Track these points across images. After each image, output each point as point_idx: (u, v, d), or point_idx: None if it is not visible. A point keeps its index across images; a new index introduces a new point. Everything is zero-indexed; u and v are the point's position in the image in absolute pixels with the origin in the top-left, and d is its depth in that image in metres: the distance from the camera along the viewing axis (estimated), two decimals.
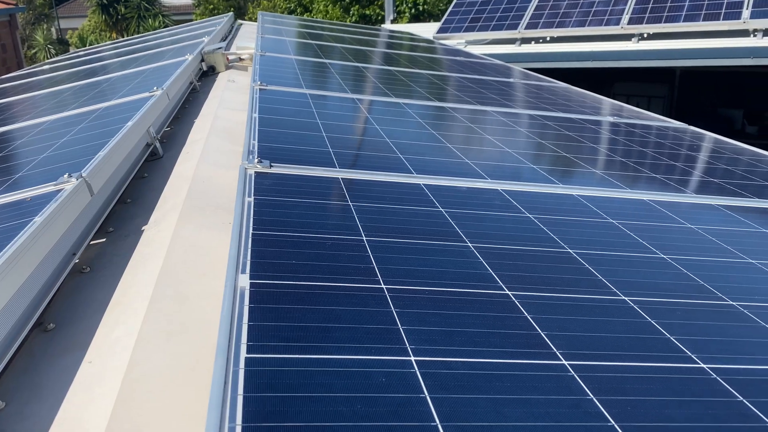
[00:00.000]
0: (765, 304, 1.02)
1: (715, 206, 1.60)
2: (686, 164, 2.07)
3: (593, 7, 7.36)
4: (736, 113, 9.22)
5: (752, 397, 0.74)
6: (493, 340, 0.80)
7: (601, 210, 1.44)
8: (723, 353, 0.84)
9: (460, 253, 1.08)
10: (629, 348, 0.83)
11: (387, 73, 3.75)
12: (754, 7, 6.13)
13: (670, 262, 1.16)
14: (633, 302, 0.97)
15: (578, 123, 2.67)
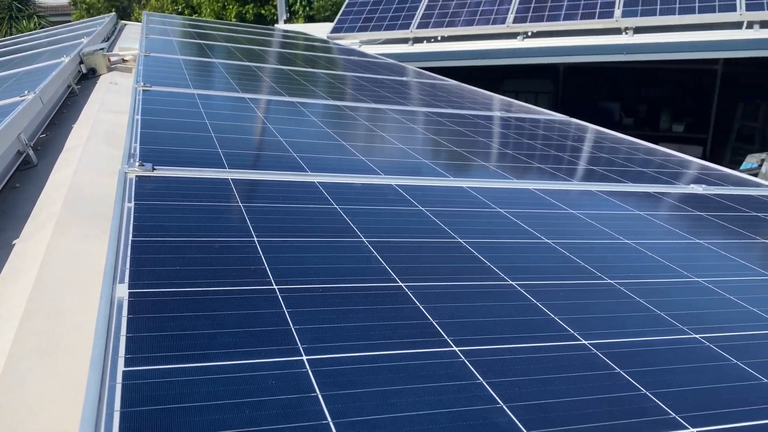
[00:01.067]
0: (639, 281, 1.09)
1: (595, 192, 1.69)
2: (569, 154, 2.18)
3: (480, 6, 7.63)
4: (615, 106, 9.88)
5: (627, 368, 0.79)
6: (385, 332, 0.80)
7: (490, 200, 1.49)
8: (602, 329, 0.89)
9: (354, 248, 1.07)
10: (516, 330, 0.85)
11: (281, 72, 3.70)
12: (624, 7, 6.58)
13: (554, 246, 1.21)
14: (520, 286, 1.00)
15: (470, 119, 2.75)
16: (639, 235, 1.36)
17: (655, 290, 1.06)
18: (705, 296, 1.06)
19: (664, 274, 1.14)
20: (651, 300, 1.01)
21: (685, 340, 0.89)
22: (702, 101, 9.45)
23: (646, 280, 1.10)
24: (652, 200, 1.68)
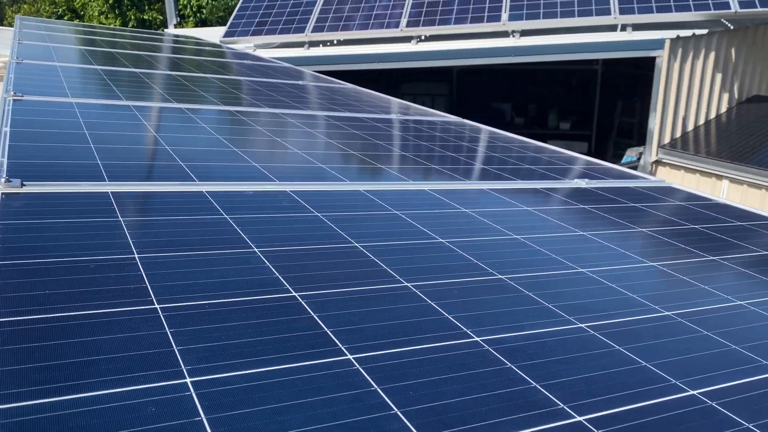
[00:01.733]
0: (529, 275, 1.12)
1: (488, 191, 1.74)
2: (463, 155, 2.23)
3: (374, 10, 7.71)
4: (506, 107, 10.31)
5: (519, 362, 0.80)
6: (276, 346, 0.77)
7: (387, 203, 1.49)
8: (494, 324, 0.90)
9: (244, 259, 1.03)
10: (411, 332, 0.85)
11: (169, 78, 3.55)
12: (510, 11, 6.87)
13: (449, 246, 1.23)
14: (415, 287, 1.00)
15: (367, 122, 2.76)
16: (529, 230, 1.40)
17: (544, 283, 1.09)
18: (589, 286, 1.10)
19: (552, 267, 1.18)
20: (540, 293, 1.05)
21: (573, 330, 0.92)
22: (585, 100, 10.06)
23: (535, 273, 1.14)
24: (540, 196, 1.75)
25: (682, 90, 6.59)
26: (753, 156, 5.96)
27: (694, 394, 0.77)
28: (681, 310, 1.04)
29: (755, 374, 0.84)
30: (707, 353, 0.89)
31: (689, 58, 6.48)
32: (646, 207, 1.75)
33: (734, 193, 5.99)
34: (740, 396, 0.78)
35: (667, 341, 0.91)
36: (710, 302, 1.09)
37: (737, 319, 1.03)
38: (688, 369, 0.84)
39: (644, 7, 6.50)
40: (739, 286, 1.19)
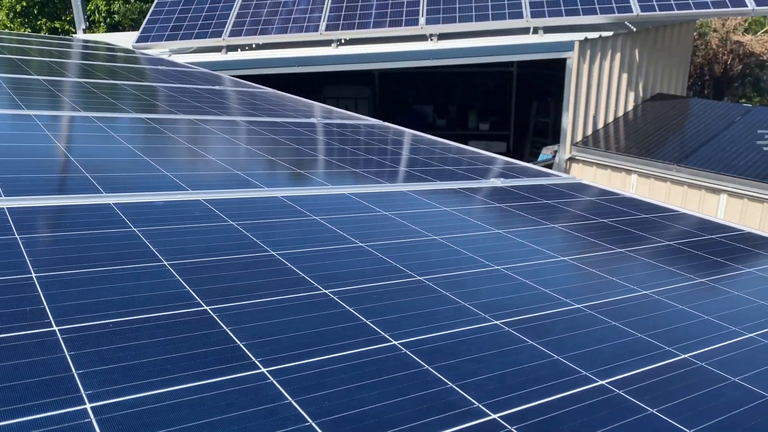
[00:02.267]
0: (447, 275, 1.14)
1: (407, 192, 1.75)
2: (383, 158, 2.24)
3: (292, 14, 7.64)
4: (428, 109, 10.46)
5: (436, 363, 0.81)
6: (185, 363, 0.74)
7: (306, 209, 1.47)
8: (412, 327, 0.90)
9: (153, 273, 0.99)
10: (328, 341, 0.84)
11: (77, 85, 3.38)
12: (428, 15, 6.98)
13: (368, 249, 1.22)
14: (333, 294, 0.99)
15: (287, 127, 2.72)
16: (448, 230, 1.42)
17: (461, 282, 1.11)
18: (505, 283, 1.13)
19: (470, 266, 1.20)
20: (458, 292, 1.06)
21: (489, 328, 0.93)
22: (503, 101, 10.36)
23: (453, 273, 1.15)
24: (459, 196, 1.77)
25: (591, 89, 6.90)
26: (658, 150, 6.32)
27: (603, 384, 0.80)
28: (591, 302, 1.08)
29: (658, 361, 0.88)
30: (615, 343, 0.92)
31: (597, 59, 6.80)
32: (558, 203, 1.81)
33: (642, 186, 6.32)
34: (645, 383, 0.81)
35: (578, 333, 0.94)
36: (618, 293, 1.14)
37: (643, 309, 1.07)
38: (597, 360, 0.87)
39: (554, 10, 6.77)
40: (645, 276, 1.25)
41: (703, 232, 1.64)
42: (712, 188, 5.74)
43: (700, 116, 6.85)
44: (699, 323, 1.03)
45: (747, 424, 0.75)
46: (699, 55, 11.07)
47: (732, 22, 11.26)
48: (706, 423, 0.74)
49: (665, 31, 7.78)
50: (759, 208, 5.45)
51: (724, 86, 11.11)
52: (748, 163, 5.62)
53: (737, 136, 6.12)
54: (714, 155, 5.92)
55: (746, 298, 1.17)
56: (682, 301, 1.13)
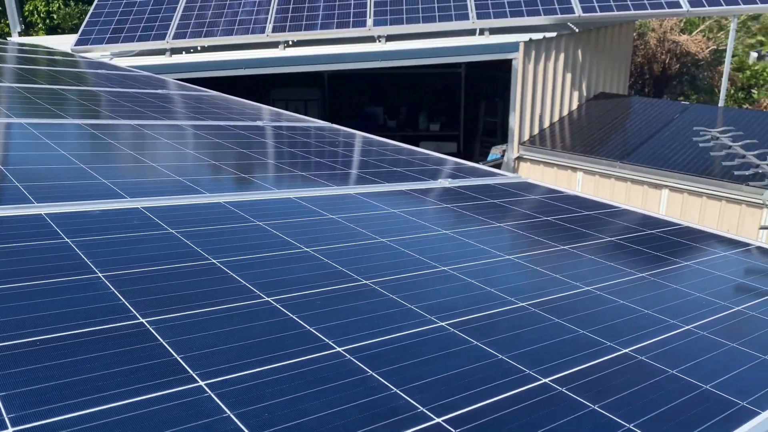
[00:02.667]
0: (393, 277, 1.13)
1: (355, 195, 1.74)
2: (331, 160, 2.22)
3: (238, 15, 7.53)
4: (378, 110, 10.47)
5: (380, 368, 0.80)
6: (120, 379, 0.71)
7: (249, 214, 1.44)
8: (357, 332, 0.89)
9: (86, 286, 0.95)
10: (270, 350, 0.82)
11: (10, 91, 3.23)
12: (375, 16, 6.99)
13: (313, 254, 1.21)
14: (276, 302, 0.97)
15: (232, 130, 2.67)
16: (394, 232, 1.42)
17: (408, 285, 1.10)
18: (451, 283, 1.13)
19: (417, 268, 1.20)
20: (404, 295, 1.05)
21: (434, 330, 0.93)
22: (452, 102, 10.46)
23: (400, 276, 1.14)
24: (407, 198, 1.77)
25: (537, 89, 7.04)
26: (602, 148, 6.49)
27: (546, 381, 0.81)
28: (536, 300, 1.09)
29: (600, 356, 0.89)
30: (558, 340, 0.93)
31: (542, 59, 6.94)
32: (505, 203, 1.83)
33: (588, 183, 6.49)
34: (587, 379, 0.82)
35: (522, 332, 0.95)
36: (562, 290, 1.15)
37: (586, 305, 1.09)
38: (541, 358, 0.87)
39: (499, 11, 6.87)
40: (588, 272, 1.27)
41: (644, 227, 1.68)
42: (654, 184, 5.94)
43: (641, 114, 7.08)
44: (639, 317, 1.05)
45: (684, 415, 0.76)
46: (639, 54, 11.45)
47: (669, 23, 11.69)
48: (645, 416, 0.75)
49: (606, 31, 8.00)
50: (698, 202, 5.66)
51: (663, 85, 11.52)
52: (687, 158, 5.83)
53: (676, 132, 6.35)
54: (655, 152, 6.12)
55: (684, 291, 1.21)
56: (624, 296, 1.15)
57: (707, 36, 12.14)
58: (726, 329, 1.04)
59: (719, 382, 0.85)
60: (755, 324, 1.07)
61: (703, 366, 0.90)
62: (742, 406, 0.79)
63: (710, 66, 11.77)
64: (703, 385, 0.84)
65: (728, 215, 5.51)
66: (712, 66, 11.71)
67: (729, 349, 0.96)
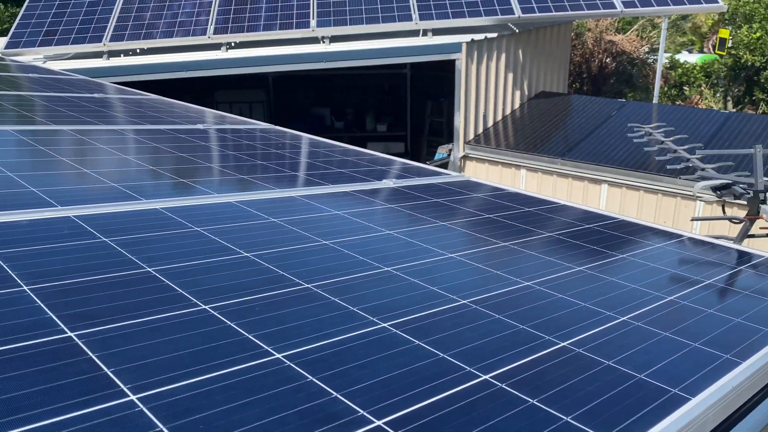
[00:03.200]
0: (335, 280, 1.12)
1: (297, 197, 1.72)
2: (273, 163, 2.19)
3: (178, 17, 7.37)
4: (325, 111, 10.43)
5: (320, 373, 0.78)
6: (43, 398, 0.67)
7: (187, 220, 1.40)
8: (297, 337, 0.88)
9: (10, 301, 0.90)
10: (206, 360, 0.79)
11: None
12: (318, 17, 6.96)
13: (253, 259, 1.18)
14: (214, 309, 0.94)
15: (171, 134, 2.61)
16: (338, 234, 1.41)
17: (350, 287, 1.09)
18: (394, 284, 1.13)
19: (360, 269, 1.19)
20: (346, 297, 1.04)
21: (376, 331, 0.92)
22: (399, 103, 10.51)
23: (342, 278, 1.13)
24: (350, 199, 1.76)
25: (480, 89, 7.14)
26: (544, 145, 6.64)
27: (486, 378, 0.81)
28: (477, 297, 1.10)
29: (539, 351, 0.91)
30: (498, 336, 0.94)
31: (484, 60, 7.05)
32: (448, 201, 1.84)
33: (531, 180, 6.63)
34: (526, 374, 0.83)
35: (463, 330, 0.96)
36: (503, 286, 1.17)
37: (525, 300, 1.11)
38: (481, 354, 0.88)
39: (441, 13, 6.94)
40: (528, 268, 1.29)
41: (582, 222, 1.72)
42: (593, 179, 6.11)
43: (581, 111, 7.28)
44: (576, 311, 1.08)
45: (619, 405, 0.78)
46: (577, 54, 11.77)
47: (604, 23, 12.07)
48: (582, 408, 0.76)
49: (545, 32, 8.19)
50: (636, 196, 5.86)
51: (601, 83, 11.89)
52: (624, 154, 6.03)
53: (614, 129, 6.55)
54: (594, 148, 6.30)
55: (620, 283, 1.24)
56: (562, 290, 1.18)
57: (641, 35, 12.60)
58: (659, 319, 1.07)
59: (653, 371, 0.88)
60: (687, 313, 1.11)
61: (638, 356, 0.92)
62: (674, 394, 0.82)
63: (644, 64, 12.22)
64: (638, 375, 0.86)
65: (665, 207, 5.73)
66: (646, 64, 12.16)
67: (662, 338, 0.99)
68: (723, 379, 0.87)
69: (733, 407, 0.87)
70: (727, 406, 0.85)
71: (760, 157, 2.28)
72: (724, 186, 2.36)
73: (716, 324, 1.07)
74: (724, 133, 6.24)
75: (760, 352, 0.97)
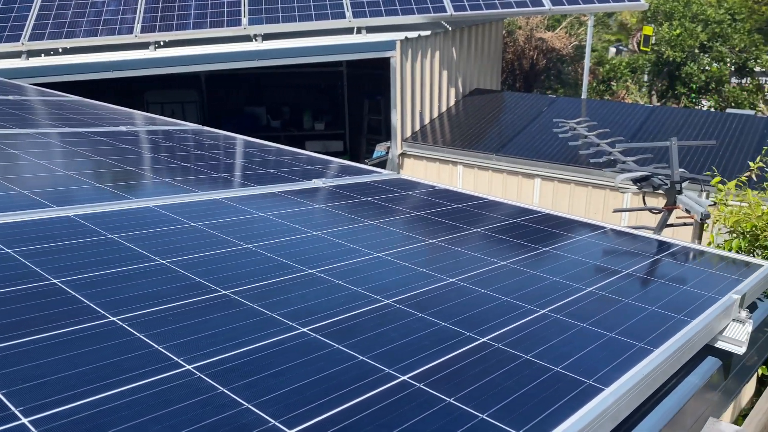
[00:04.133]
0: (256, 285, 1.09)
1: (221, 200, 1.67)
2: (198, 164, 2.13)
3: (102, 15, 7.08)
4: (261, 111, 10.26)
5: (232, 383, 0.76)
6: None
7: (102, 227, 1.34)
8: (210, 347, 0.85)
9: None
10: (111, 375, 0.75)
11: None
12: (250, 15, 6.83)
13: (170, 266, 1.14)
14: (123, 321, 0.90)
15: (92, 137, 2.49)
16: (261, 237, 1.37)
17: (271, 291, 1.07)
18: (317, 287, 1.10)
19: (282, 273, 1.16)
20: (265, 303, 1.01)
21: (295, 337, 0.90)
22: (336, 101, 10.46)
23: (263, 283, 1.10)
24: (277, 200, 1.73)
25: (416, 87, 7.19)
26: (479, 142, 6.75)
27: (405, 379, 0.80)
28: (401, 296, 1.09)
29: (459, 348, 0.91)
30: (420, 335, 0.94)
31: (418, 57, 7.09)
32: (378, 200, 1.83)
33: (468, 176, 6.72)
34: (444, 372, 0.83)
35: (385, 330, 0.95)
36: (427, 284, 1.16)
37: (449, 297, 1.11)
38: (402, 355, 0.87)
39: (374, 10, 6.94)
40: (453, 264, 1.29)
41: (508, 216, 1.75)
42: (527, 174, 6.25)
43: (514, 108, 7.43)
44: (498, 305, 1.08)
45: (535, 399, 0.79)
46: (509, 51, 12.02)
47: (534, 21, 12.37)
48: (498, 405, 0.76)
49: (478, 29, 8.32)
50: (567, 189, 6.03)
51: (533, 79, 12.19)
52: (555, 149, 6.19)
53: (545, 125, 6.72)
54: (527, 143, 6.45)
55: (542, 276, 1.26)
56: (486, 285, 1.18)
57: (570, 32, 12.99)
58: (578, 311, 1.09)
59: (569, 363, 0.89)
60: (605, 303, 1.14)
61: (556, 348, 0.93)
62: (588, 385, 0.83)
63: (573, 61, 12.61)
64: (554, 368, 0.87)
65: (594, 200, 5.92)
66: (575, 61, 12.54)
67: (580, 329, 1.01)
68: (636, 367, 0.89)
69: (646, 394, 0.90)
70: (640, 393, 0.88)
71: (675, 149, 2.38)
72: (643, 178, 2.45)
73: (632, 313, 1.10)
74: (649, 126, 6.50)
75: (672, 338, 1.00)
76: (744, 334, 1.19)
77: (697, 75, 12.14)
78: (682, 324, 1.06)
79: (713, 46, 12.31)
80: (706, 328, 1.08)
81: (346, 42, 6.70)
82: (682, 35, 12.25)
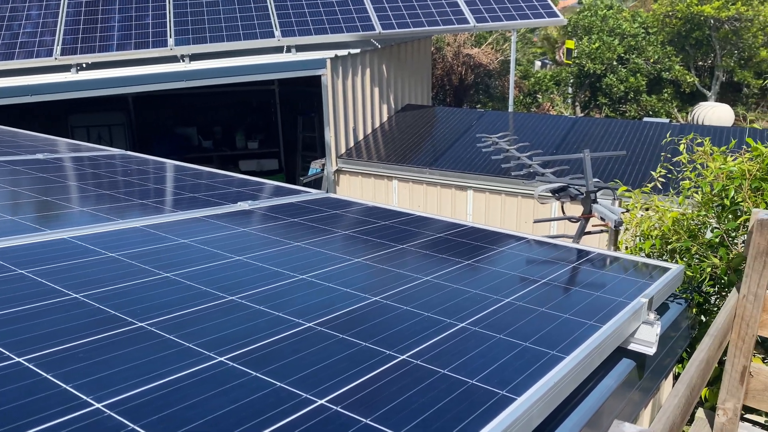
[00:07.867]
0: (173, 315, 1.07)
1: (141, 228, 1.63)
2: (118, 191, 2.07)
3: (18, 37, 6.80)
4: (192, 131, 10.06)
5: (142, 420, 0.74)
6: None
7: (10, 262, 1.28)
8: (122, 383, 0.82)
9: None
10: (15, 419, 0.72)
11: None
12: (176, 35, 6.72)
13: (82, 300, 1.10)
14: (27, 361, 0.86)
15: (3, 166, 2.39)
16: (181, 265, 1.35)
17: (188, 321, 1.05)
18: (237, 314, 1.09)
19: (201, 301, 1.14)
20: (183, 333, 1.00)
21: (212, 367, 0.89)
22: (269, 119, 10.38)
23: (181, 312, 1.08)
24: (201, 225, 1.70)
25: (348, 104, 7.23)
26: (413, 156, 6.84)
27: (322, 403, 0.81)
28: (322, 318, 1.10)
29: (378, 367, 0.92)
30: (340, 357, 0.94)
31: (349, 75, 7.15)
32: (304, 221, 1.83)
33: (403, 191, 6.79)
34: (362, 393, 0.84)
35: (305, 354, 0.95)
36: (349, 304, 1.17)
37: (370, 316, 1.12)
38: (320, 379, 0.87)
39: (303, 29, 6.95)
40: (377, 282, 1.31)
41: (434, 231, 1.78)
42: (460, 186, 6.38)
43: (445, 122, 7.58)
44: (419, 321, 1.10)
45: (450, 413, 0.80)
46: (438, 67, 12.27)
47: (462, 38, 12.69)
48: (414, 422, 0.78)
49: (407, 46, 8.46)
50: (498, 200, 6.19)
51: (462, 94, 12.47)
52: (485, 161, 6.35)
53: (475, 138, 6.88)
54: (458, 156, 6.58)
55: (462, 290, 1.29)
56: (407, 301, 1.20)
57: (495, 48, 13.39)
58: (495, 322, 1.12)
59: (484, 375, 0.92)
60: (521, 313, 1.17)
61: (473, 361, 0.96)
62: (501, 395, 0.86)
63: (500, 75, 12.98)
64: (470, 381, 0.89)
65: (524, 210, 6.09)
66: (502, 75, 12.92)
67: (496, 341, 1.04)
68: (547, 375, 0.92)
69: (559, 400, 0.93)
70: (552, 400, 0.91)
71: (588, 161, 2.49)
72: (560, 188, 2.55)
73: (547, 321, 1.14)
74: (572, 136, 6.75)
75: (582, 344, 1.04)
76: (653, 336, 1.25)
77: (616, 86, 12.72)
78: (593, 330, 1.11)
79: (630, 58, 12.94)
80: (615, 333, 1.13)
81: (276, 61, 6.68)
82: (600, 48, 12.82)
